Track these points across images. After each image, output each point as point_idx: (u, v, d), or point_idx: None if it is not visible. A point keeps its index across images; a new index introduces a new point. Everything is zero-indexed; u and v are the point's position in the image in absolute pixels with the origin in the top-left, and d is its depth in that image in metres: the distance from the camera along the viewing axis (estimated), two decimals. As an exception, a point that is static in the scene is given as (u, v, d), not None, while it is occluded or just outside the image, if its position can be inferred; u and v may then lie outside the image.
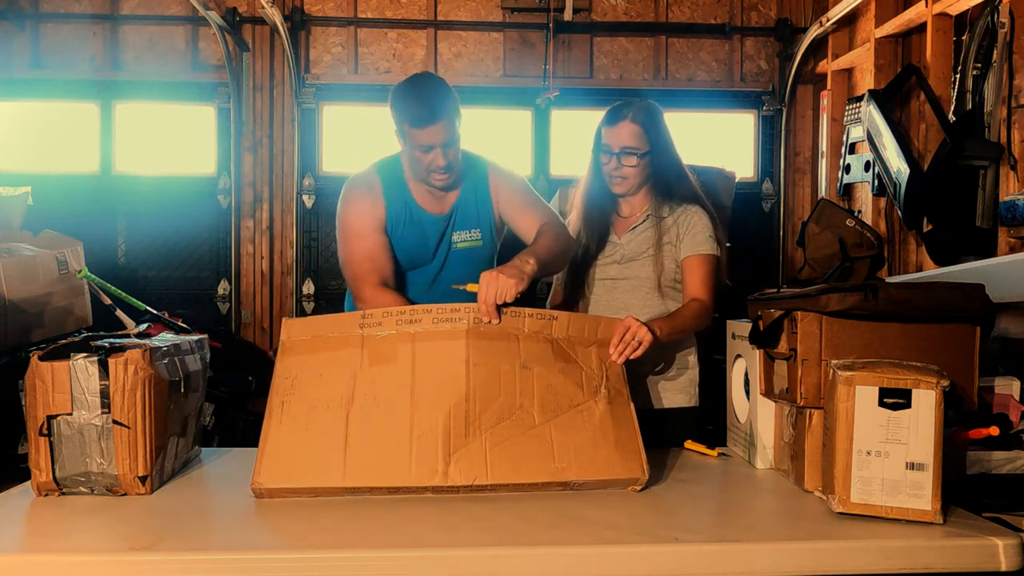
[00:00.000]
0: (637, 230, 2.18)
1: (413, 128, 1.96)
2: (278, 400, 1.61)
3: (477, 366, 1.64)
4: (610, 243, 2.20)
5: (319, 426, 1.58)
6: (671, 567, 1.31)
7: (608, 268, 2.19)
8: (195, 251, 4.51)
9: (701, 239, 2.13)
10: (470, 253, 2.13)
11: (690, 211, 2.15)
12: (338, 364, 1.65)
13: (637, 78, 4.58)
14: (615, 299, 2.17)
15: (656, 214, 2.17)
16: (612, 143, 2.13)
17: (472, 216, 2.13)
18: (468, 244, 2.13)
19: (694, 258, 2.12)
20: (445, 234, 2.12)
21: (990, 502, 1.61)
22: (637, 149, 2.12)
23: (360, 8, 4.49)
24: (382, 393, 1.61)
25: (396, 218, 2.09)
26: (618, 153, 2.12)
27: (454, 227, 2.13)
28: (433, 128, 1.95)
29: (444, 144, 1.97)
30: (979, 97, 3.15)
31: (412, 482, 1.53)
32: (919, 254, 3.56)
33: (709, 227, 2.14)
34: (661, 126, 2.17)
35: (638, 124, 2.12)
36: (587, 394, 1.68)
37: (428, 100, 1.95)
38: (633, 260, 2.16)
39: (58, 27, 4.41)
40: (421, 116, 1.94)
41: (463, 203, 2.13)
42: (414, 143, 1.98)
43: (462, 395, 1.61)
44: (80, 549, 1.30)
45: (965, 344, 1.62)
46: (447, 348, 1.67)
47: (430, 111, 1.94)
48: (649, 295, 2.15)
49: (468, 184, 2.14)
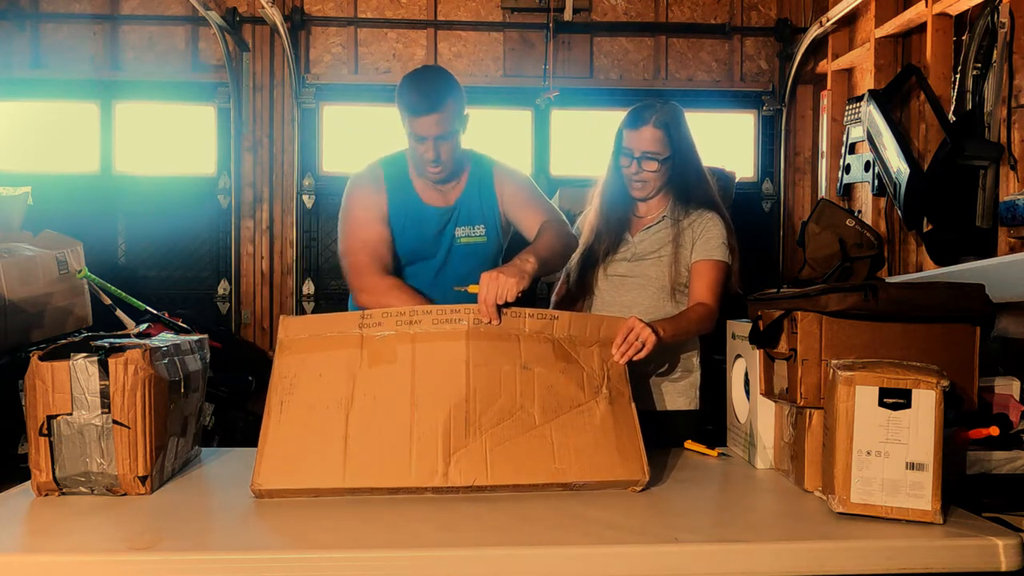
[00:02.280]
0: (651, 230, 2.17)
1: (409, 116, 1.98)
2: (277, 400, 1.61)
3: (477, 367, 1.64)
4: (623, 241, 2.19)
5: (319, 426, 1.58)
6: (671, 567, 1.31)
7: (618, 265, 2.17)
8: (195, 251, 4.51)
9: (714, 245, 2.11)
10: (474, 249, 2.12)
11: (706, 217, 2.13)
12: (337, 364, 1.64)
13: (637, 78, 4.59)
14: (622, 296, 2.16)
15: (672, 216, 2.15)
16: (633, 147, 2.11)
17: (476, 212, 2.13)
18: (471, 240, 2.13)
19: (704, 263, 2.10)
20: (447, 228, 2.12)
21: (990, 502, 1.61)
22: (659, 155, 2.10)
23: (360, 8, 4.49)
24: (382, 393, 1.61)
25: (398, 210, 2.10)
26: (639, 158, 2.10)
27: (457, 222, 2.12)
28: (427, 119, 1.95)
29: (437, 137, 1.98)
30: (979, 97, 3.15)
31: (412, 483, 1.53)
32: (919, 254, 3.56)
33: (723, 234, 2.12)
34: (684, 130, 2.15)
35: (660, 128, 2.09)
36: (588, 394, 1.67)
37: (428, 91, 1.96)
38: (643, 259, 2.15)
39: (58, 27, 4.41)
40: (417, 105, 1.95)
41: (467, 198, 2.14)
42: (409, 132, 2.00)
43: (462, 396, 1.61)
44: (80, 549, 1.30)
45: (965, 344, 1.62)
46: (447, 349, 1.66)
47: (427, 102, 1.95)
48: (657, 295, 2.14)
49: (473, 180, 2.15)
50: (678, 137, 2.12)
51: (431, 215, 2.11)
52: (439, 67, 2.17)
